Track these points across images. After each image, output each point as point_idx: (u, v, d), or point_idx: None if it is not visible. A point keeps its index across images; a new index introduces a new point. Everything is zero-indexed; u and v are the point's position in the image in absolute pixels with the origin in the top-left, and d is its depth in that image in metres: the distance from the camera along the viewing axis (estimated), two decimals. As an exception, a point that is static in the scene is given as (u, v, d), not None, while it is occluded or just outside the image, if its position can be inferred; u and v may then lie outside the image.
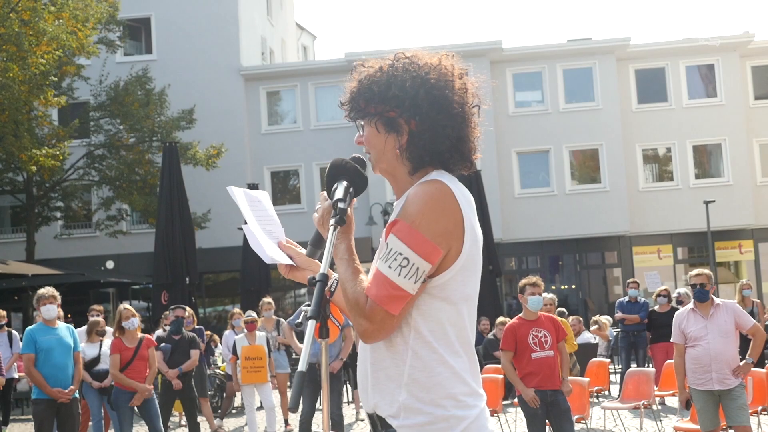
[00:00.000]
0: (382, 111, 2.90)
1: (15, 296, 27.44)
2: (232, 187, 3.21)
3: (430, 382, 2.76)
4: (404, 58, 2.95)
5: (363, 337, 2.76)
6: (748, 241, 33.75)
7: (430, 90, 2.87)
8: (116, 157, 29.68)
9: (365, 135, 2.98)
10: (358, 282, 2.75)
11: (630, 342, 15.98)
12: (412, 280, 2.70)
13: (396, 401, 2.79)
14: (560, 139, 33.54)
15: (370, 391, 2.88)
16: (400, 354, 2.79)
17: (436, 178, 2.85)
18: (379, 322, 2.70)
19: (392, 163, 2.94)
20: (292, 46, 45.90)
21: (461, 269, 2.80)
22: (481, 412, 2.84)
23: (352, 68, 3.04)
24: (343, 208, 2.76)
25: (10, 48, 23.35)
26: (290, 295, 34.33)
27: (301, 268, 3.12)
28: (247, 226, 3.07)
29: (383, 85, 2.90)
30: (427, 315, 2.78)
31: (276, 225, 3.18)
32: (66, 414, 9.98)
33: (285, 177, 35.50)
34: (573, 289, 34.04)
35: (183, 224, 19.05)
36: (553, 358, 8.67)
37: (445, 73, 2.92)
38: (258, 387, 13.58)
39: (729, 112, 33.52)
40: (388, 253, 2.74)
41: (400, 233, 2.74)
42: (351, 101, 3.00)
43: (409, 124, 2.88)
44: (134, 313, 10.96)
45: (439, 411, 2.75)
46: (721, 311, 8.33)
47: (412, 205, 2.77)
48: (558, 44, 34.67)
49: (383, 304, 2.69)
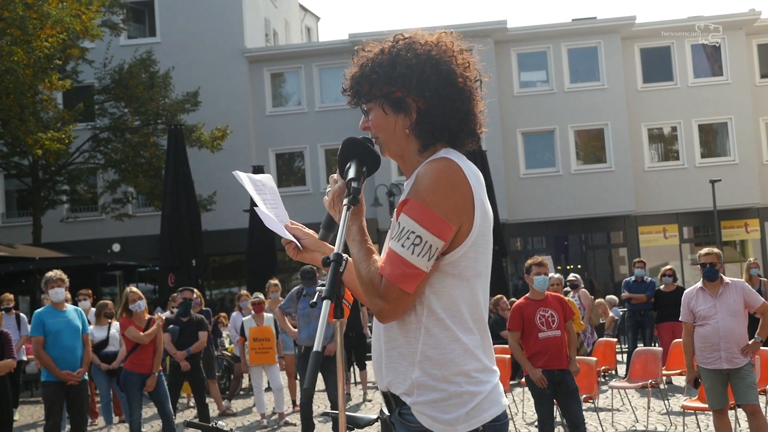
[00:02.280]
0: (388, 92, 2.90)
1: (22, 279, 27.49)
2: (238, 172, 3.21)
3: (443, 359, 2.78)
4: (403, 39, 2.95)
5: (379, 316, 2.77)
6: (754, 220, 33.71)
7: (436, 65, 2.88)
8: (121, 140, 29.70)
9: (372, 119, 2.96)
10: (371, 262, 2.76)
11: (636, 321, 15.98)
12: (425, 258, 2.71)
13: (409, 379, 2.80)
14: (565, 119, 33.48)
15: (384, 370, 2.90)
16: (412, 332, 2.81)
17: (445, 156, 2.85)
18: (395, 301, 2.71)
19: (401, 144, 2.94)
20: (296, 28, 45.80)
21: (473, 245, 2.81)
22: (495, 387, 2.85)
23: (353, 53, 3.03)
24: (356, 187, 2.76)
25: (14, 32, 23.31)
26: (295, 277, 34.35)
27: (309, 249, 3.12)
28: (259, 209, 3.07)
29: (387, 66, 2.89)
30: (440, 292, 2.79)
31: (280, 208, 3.19)
32: (75, 396, 10.01)
33: (290, 159, 35.49)
34: (579, 269, 34.03)
35: (189, 206, 19.08)
36: (561, 338, 8.66)
37: (447, 49, 2.93)
38: (266, 368, 13.64)
39: (735, 90, 33.42)
40: (400, 232, 2.75)
41: (411, 212, 2.74)
42: (354, 86, 2.99)
43: (417, 102, 2.88)
44: (141, 295, 10.99)
45: (452, 387, 2.77)
46: (730, 290, 8.32)
47: (422, 183, 2.78)
48: (563, 23, 34.54)
49: (398, 282, 2.69)
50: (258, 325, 13.52)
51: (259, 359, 13.42)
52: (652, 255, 30.48)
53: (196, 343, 12.26)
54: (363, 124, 3.01)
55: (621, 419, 12.04)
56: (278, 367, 13.87)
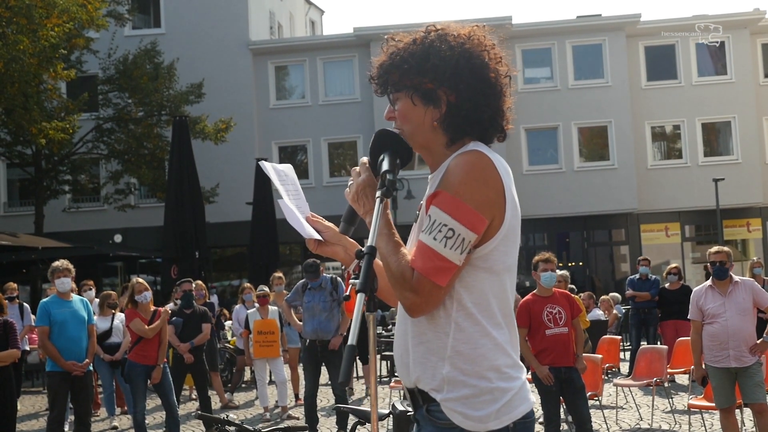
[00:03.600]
0: (419, 83, 2.85)
1: (23, 269, 27.46)
2: (264, 162, 3.19)
3: (474, 354, 2.74)
4: (435, 31, 2.91)
5: (410, 310, 2.72)
6: (756, 220, 33.71)
7: (470, 59, 2.84)
8: (125, 130, 29.68)
9: (399, 109, 2.91)
10: (401, 255, 2.72)
11: (640, 319, 15.96)
12: (458, 251, 2.67)
13: (439, 374, 2.76)
14: (569, 116, 33.45)
15: (411, 366, 2.84)
16: (442, 327, 2.77)
17: (475, 148, 2.82)
18: (427, 295, 2.67)
19: (428, 136, 2.90)
20: (300, 21, 45.75)
21: (503, 239, 2.78)
22: (524, 383, 2.83)
23: (382, 42, 2.98)
24: (392, 179, 2.71)
25: (20, 20, 23.28)
26: (296, 270, 34.33)
27: (330, 242, 3.08)
28: (283, 201, 3.04)
29: (420, 57, 2.85)
30: (471, 286, 2.76)
31: (302, 199, 3.14)
32: (80, 387, 9.99)
33: (293, 152, 35.45)
34: (580, 266, 34.02)
35: (193, 198, 19.06)
36: (568, 335, 8.64)
37: (480, 43, 2.89)
38: (270, 361, 13.63)
39: (739, 89, 33.39)
40: (431, 225, 2.71)
41: (443, 204, 2.71)
42: (383, 75, 2.94)
43: (448, 95, 2.84)
44: (147, 287, 10.96)
45: (484, 383, 2.73)
46: (739, 289, 8.32)
47: (454, 175, 2.74)
48: (567, 20, 34.51)
49: (430, 275, 2.66)
50: (263, 318, 13.49)
51: (263, 352, 13.41)
52: (654, 253, 30.44)
53: (200, 335, 12.19)
54: (388, 113, 2.97)
55: (625, 417, 12.04)
56: (282, 361, 13.85)
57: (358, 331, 2.38)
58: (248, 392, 16.48)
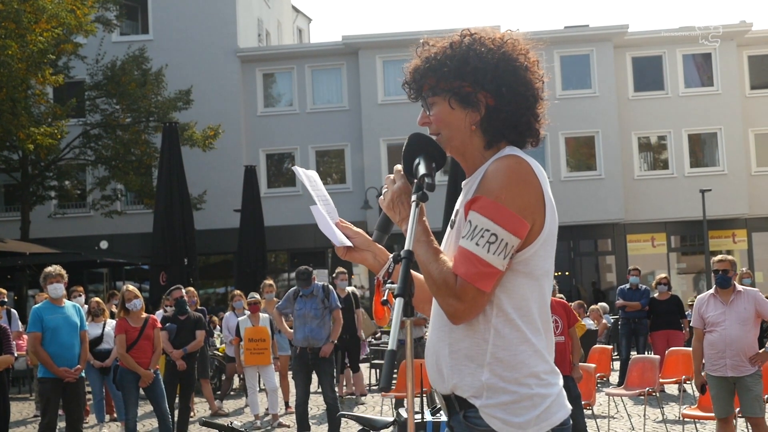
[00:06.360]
0: (458, 87, 2.83)
1: (8, 275, 27.29)
2: (297, 168, 3.17)
3: (514, 361, 2.73)
4: (471, 35, 2.91)
5: (453, 317, 2.70)
6: (741, 231, 33.84)
7: (510, 62, 2.84)
8: (112, 136, 29.55)
9: (435, 113, 2.89)
10: (441, 262, 2.69)
11: (630, 329, 15.99)
12: (501, 256, 2.66)
13: (478, 381, 2.74)
14: (556, 126, 33.44)
15: (447, 372, 2.81)
16: (480, 333, 2.75)
17: (513, 153, 2.82)
18: (471, 301, 2.65)
19: (465, 141, 2.88)
20: (288, 29, 45.75)
21: (543, 243, 2.78)
22: (561, 390, 2.83)
23: (416, 46, 2.96)
24: (430, 183, 2.68)
25: (9, 25, 23.15)
26: (283, 278, 34.26)
27: (359, 249, 3.06)
28: (316, 208, 3.00)
29: (459, 60, 2.83)
30: (511, 291, 2.75)
31: (331, 205, 3.11)
32: (72, 393, 9.92)
33: (280, 160, 35.40)
34: (566, 276, 34.05)
35: (182, 205, 18.98)
36: (564, 344, 8.66)
37: (516, 47, 2.90)
38: (261, 369, 13.59)
39: (725, 101, 33.55)
40: (473, 231, 2.68)
41: (484, 210, 2.69)
42: (418, 80, 2.91)
43: (487, 98, 2.83)
44: (138, 294, 10.88)
45: (524, 389, 2.72)
46: (742, 298, 8.34)
47: (494, 180, 2.73)
48: (555, 30, 34.55)
49: (474, 281, 2.64)
50: (254, 325, 13.44)
51: (254, 360, 13.35)
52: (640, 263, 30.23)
53: (194, 342, 12.08)
54: (422, 119, 2.94)
55: (617, 426, 12.06)
56: (273, 368, 13.80)
57: (395, 337, 2.35)
58: (237, 400, 16.41)
